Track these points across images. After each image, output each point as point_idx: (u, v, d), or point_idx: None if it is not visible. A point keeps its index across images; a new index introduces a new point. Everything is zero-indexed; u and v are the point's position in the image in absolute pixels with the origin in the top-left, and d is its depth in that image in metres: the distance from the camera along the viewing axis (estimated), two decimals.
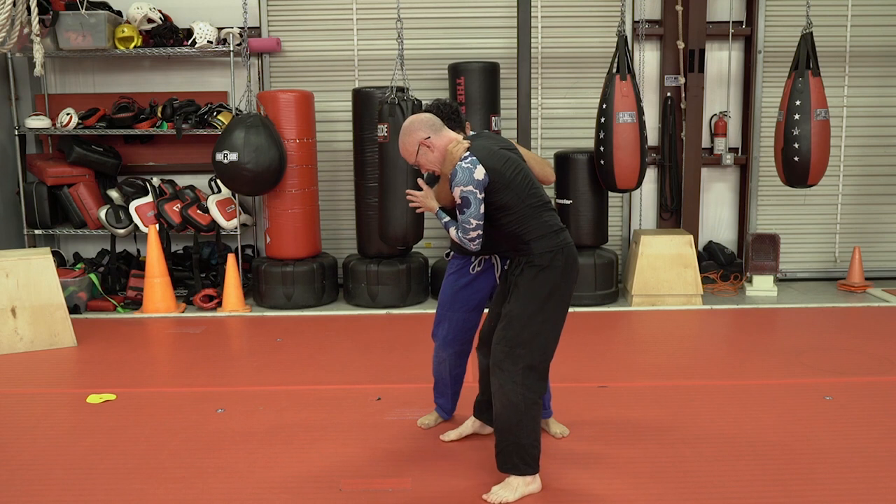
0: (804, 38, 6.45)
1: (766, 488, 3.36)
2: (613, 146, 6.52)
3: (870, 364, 5.00)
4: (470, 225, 3.32)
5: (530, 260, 3.33)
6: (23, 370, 5.12)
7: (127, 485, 3.48)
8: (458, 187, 3.29)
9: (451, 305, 3.83)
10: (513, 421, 3.29)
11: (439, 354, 3.91)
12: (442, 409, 4.04)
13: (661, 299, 6.76)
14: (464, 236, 3.36)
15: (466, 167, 3.28)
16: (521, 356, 3.29)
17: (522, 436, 3.30)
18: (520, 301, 3.32)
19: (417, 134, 3.41)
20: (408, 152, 3.45)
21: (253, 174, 6.47)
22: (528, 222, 3.35)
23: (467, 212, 3.30)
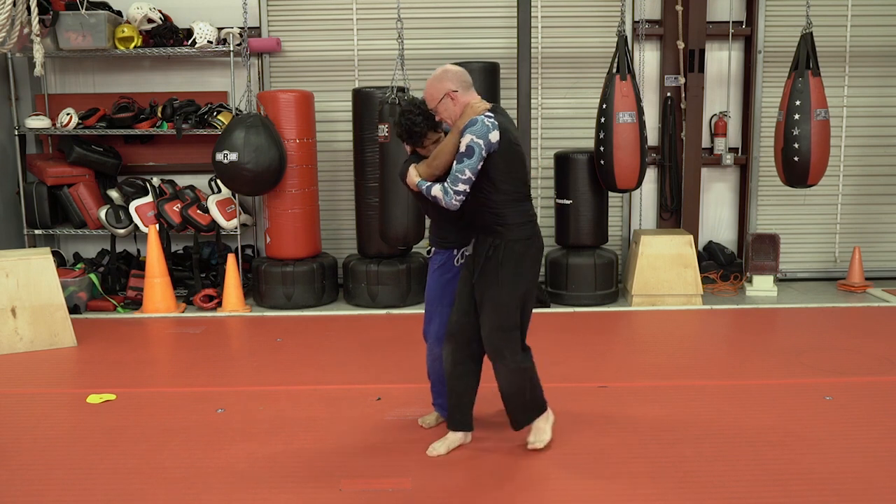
0: (804, 38, 6.45)
1: (766, 488, 3.36)
2: (613, 146, 6.52)
3: (870, 364, 5.00)
4: (463, 175, 3.37)
5: (508, 244, 3.48)
6: (23, 370, 5.12)
7: (127, 485, 3.48)
8: (469, 135, 3.36)
9: (440, 300, 3.81)
10: (517, 390, 3.64)
11: (433, 352, 3.88)
12: (441, 409, 4.01)
13: (661, 299, 6.76)
14: (452, 186, 3.40)
15: (487, 123, 3.39)
16: (515, 338, 3.58)
17: (527, 395, 3.68)
18: (502, 287, 3.49)
19: (447, 84, 3.54)
20: (432, 96, 3.57)
21: (253, 174, 6.47)
22: (513, 206, 3.50)
23: (466, 161, 3.37)
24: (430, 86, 3.58)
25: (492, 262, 3.49)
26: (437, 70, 3.62)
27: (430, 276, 3.88)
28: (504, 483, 3.45)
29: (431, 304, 3.86)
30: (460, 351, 3.65)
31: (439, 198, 3.44)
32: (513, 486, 3.42)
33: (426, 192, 3.51)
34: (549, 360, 5.18)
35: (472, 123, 3.40)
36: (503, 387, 3.65)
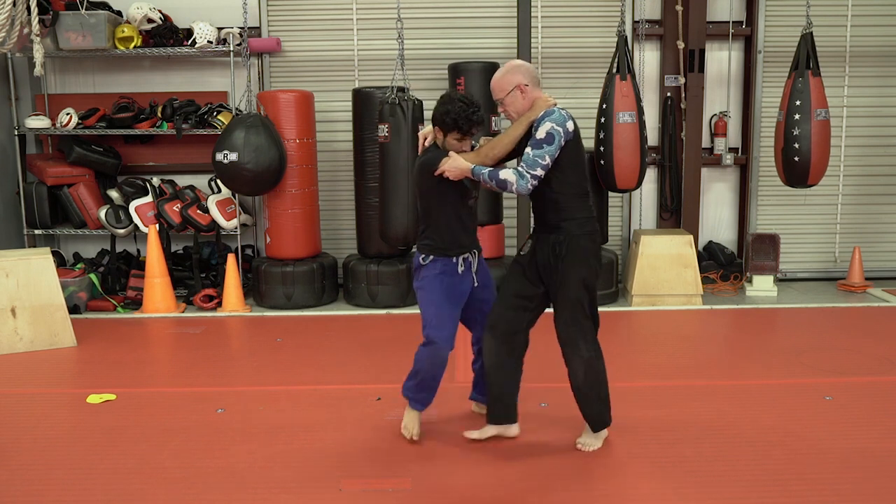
0: (804, 38, 6.45)
1: (766, 488, 3.36)
2: (613, 146, 6.51)
3: (870, 364, 5.00)
4: (543, 161, 3.41)
5: (573, 239, 3.53)
6: (23, 370, 5.12)
7: (127, 485, 3.48)
8: (549, 122, 3.44)
9: (450, 304, 3.77)
10: (595, 383, 3.67)
11: (440, 355, 3.76)
12: (422, 403, 3.89)
13: (661, 299, 6.76)
14: (529, 170, 3.42)
15: (563, 113, 3.49)
16: (589, 329, 3.64)
17: (603, 391, 3.71)
18: (571, 281, 3.54)
19: (518, 77, 3.58)
20: (501, 88, 3.60)
21: (253, 174, 6.47)
22: (576, 201, 3.57)
23: (546, 147, 3.42)
24: (501, 78, 3.61)
25: (559, 259, 3.55)
26: (506, 64, 3.66)
27: (430, 280, 3.75)
28: (504, 483, 3.45)
29: (441, 308, 3.73)
30: (503, 344, 3.72)
31: (511, 182, 3.43)
32: (513, 487, 3.42)
33: (488, 176, 3.48)
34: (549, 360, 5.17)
35: (549, 113, 3.50)
36: (578, 379, 3.65)
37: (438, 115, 3.65)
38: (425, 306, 3.78)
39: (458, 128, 3.64)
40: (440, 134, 3.70)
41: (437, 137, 3.73)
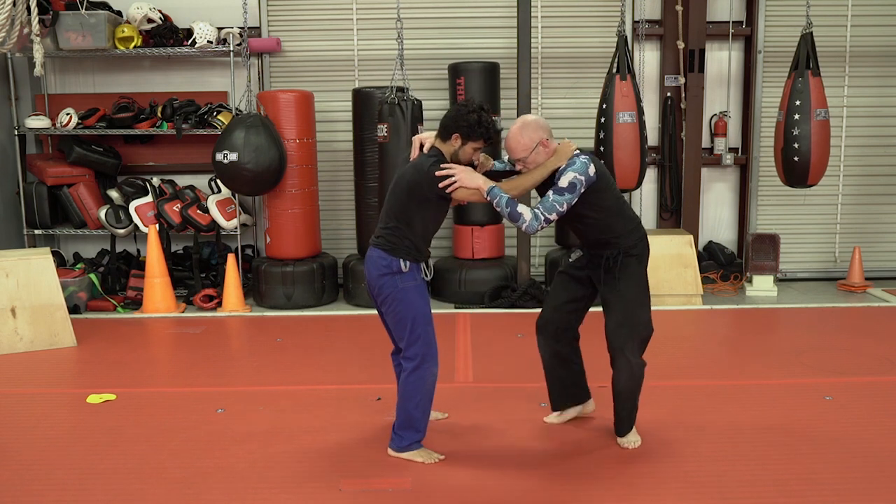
0: (804, 38, 6.45)
1: (766, 488, 3.36)
2: (613, 146, 6.51)
3: (870, 364, 5.00)
4: (560, 207, 3.54)
5: (626, 251, 3.68)
6: (23, 370, 5.12)
7: (127, 485, 3.48)
8: (572, 173, 3.54)
9: (431, 314, 3.66)
10: (634, 389, 3.78)
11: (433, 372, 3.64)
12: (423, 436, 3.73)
13: (661, 299, 6.75)
14: (546, 213, 3.53)
15: (585, 161, 3.58)
16: (640, 334, 3.73)
17: (637, 398, 3.82)
18: (627, 289, 3.69)
19: (539, 133, 3.63)
20: (525, 147, 3.62)
21: (253, 174, 6.47)
22: (622, 217, 3.71)
23: (567, 195, 3.53)
24: (522, 137, 3.61)
25: (612, 272, 3.70)
26: (518, 122, 3.67)
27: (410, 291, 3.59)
28: (504, 483, 3.45)
29: (429, 323, 3.62)
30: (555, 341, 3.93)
31: (525, 218, 3.51)
32: (513, 487, 3.42)
33: (505, 203, 3.52)
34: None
35: (572, 163, 3.57)
36: (620, 383, 3.75)
37: (465, 122, 3.56)
38: (411, 315, 3.59)
39: (486, 136, 3.61)
40: (458, 141, 3.59)
41: (453, 144, 3.60)
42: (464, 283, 6.83)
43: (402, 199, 3.58)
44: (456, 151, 3.62)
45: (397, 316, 3.61)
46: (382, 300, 3.63)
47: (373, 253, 3.63)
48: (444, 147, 3.64)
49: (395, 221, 3.60)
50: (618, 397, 3.80)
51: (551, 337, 3.92)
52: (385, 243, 3.60)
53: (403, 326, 3.60)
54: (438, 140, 3.67)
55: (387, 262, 3.57)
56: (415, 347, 3.60)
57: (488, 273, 6.87)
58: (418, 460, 3.65)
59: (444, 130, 3.63)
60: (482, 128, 3.58)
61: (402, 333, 3.62)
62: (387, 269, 3.57)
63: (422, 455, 3.67)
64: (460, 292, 6.85)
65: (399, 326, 3.63)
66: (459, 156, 3.63)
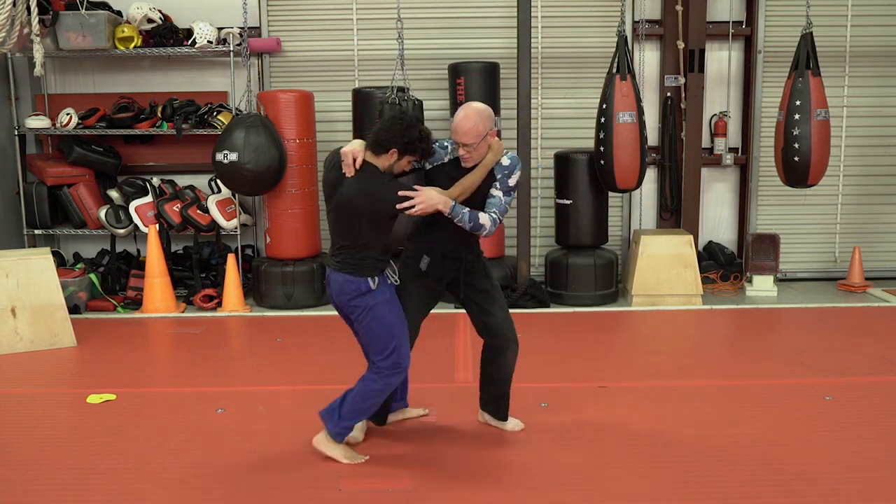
0: (804, 38, 6.45)
1: (766, 488, 3.36)
2: (613, 146, 6.51)
3: (870, 364, 5.00)
4: (509, 207, 3.68)
5: (479, 255, 3.85)
6: (23, 370, 5.12)
7: (127, 485, 3.48)
8: (519, 173, 3.66)
9: (403, 324, 3.64)
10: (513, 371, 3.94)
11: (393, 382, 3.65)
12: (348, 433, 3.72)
13: (661, 299, 6.75)
14: (501, 216, 3.62)
15: (520, 162, 3.70)
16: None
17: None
18: (495, 288, 3.86)
19: (490, 124, 3.62)
20: (477, 133, 3.56)
21: (253, 174, 6.47)
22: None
23: (513, 195, 3.68)
24: (477, 124, 3.54)
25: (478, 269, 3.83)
26: (470, 108, 3.59)
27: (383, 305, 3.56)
28: (504, 483, 3.45)
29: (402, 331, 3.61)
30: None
31: (486, 226, 3.56)
32: (512, 487, 3.42)
33: (468, 218, 3.51)
34: (549, 360, 5.19)
35: (517, 162, 3.67)
36: (508, 372, 3.91)
37: (406, 138, 3.45)
38: (385, 332, 3.56)
39: (424, 151, 3.54)
40: (394, 156, 3.47)
41: (389, 159, 3.48)
42: None
43: (358, 223, 3.50)
44: (391, 165, 3.51)
45: (371, 332, 3.59)
46: (355, 318, 3.61)
47: (337, 277, 3.56)
48: (379, 161, 3.50)
49: (351, 241, 3.52)
50: (506, 383, 3.93)
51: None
52: (347, 266, 3.53)
53: (378, 342, 3.59)
54: (370, 153, 3.51)
55: (354, 284, 3.52)
56: (391, 359, 3.59)
57: None
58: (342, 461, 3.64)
59: (380, 146, 3.48)
60: (423, 143, 3.50)
61: (376, 348, 3.60)
62: (356, 291, 3.53)
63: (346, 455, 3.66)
64: None
65: (373, 342, 3.60)
66: (394, 169, 3.53)
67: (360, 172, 3.51)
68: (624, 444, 3.82)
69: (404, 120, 3.50)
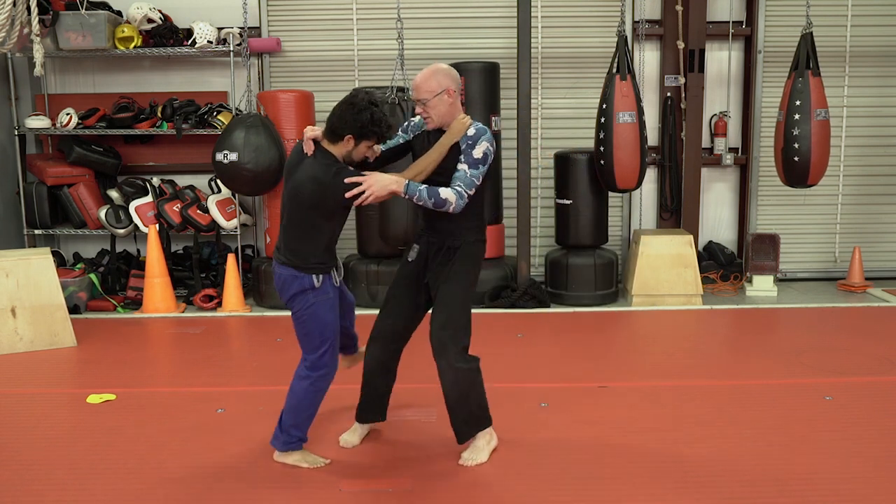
0: (804, 38, 6.45)
1: (766, 488, 3.36)
2: (613, 146, 6.51)
3: (870, 364, 5.00)
4: (478, 181, 3.45)
5: (466, 247, 3.56)
6: (23, 370, 5.12)
7: (127, 485, 3.48)
8: (485, 142, 3.46)
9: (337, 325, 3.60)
10: (463, 395, 3.56)
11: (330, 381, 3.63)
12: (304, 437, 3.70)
13: (661, 299, 6.76)
14: (467, 190, 3.41)
15: (488, 132, 3.49)
16: (461, 338, 3.53)
17: (473, 405, 3.61)
18: (456, 285, 3.53)
19: (448, 80, 3.54)
20: (429, 89, 3.50)
21: (253, 174, 6.47)
22: (478, 209, 3.57)
23: (481, 168, 3.45)
24: (430, 77, 3.51)
25: (449, 261, 3.57)
26: (432, 66, 3.59)
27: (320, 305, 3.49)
28: (504, 483, 3.45)
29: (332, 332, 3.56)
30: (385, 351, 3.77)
31: (451, 201, 3.36)
32: (512, 487, 3.42)
33: (427, 194, 3.34)
34: (549, 360, 5.19)
35: (483, 132, 3.49)
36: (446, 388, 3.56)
37: (358, 123, 3.33)
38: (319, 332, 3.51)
39: (379, 135, 3.41)
40: (350, 143, 3.37)
41: (345, 146, 3.38)
42: None
43: (304, 212, 3.40)
44: (349, 152, 3.41)
45: (305, 330, 3.54)
46: (294, 313, 3.56)
47: (282, 271, 3.50)
48: (335, 149, 3.40)
49: (299, 233, 3.44)
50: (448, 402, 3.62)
51: (384, 344, 3.77)
52: (293, 260, 3.46)
53: (311, 341, 3.55)
54: (327, 142, 3.41)
55: (299, 280, 3.46)
56: (322, 360, 3.57)
57: (488, 273, 6.86)
58: (303, 466, 3.62)
59: (334, 133, 3.38)
60: (377, 126, 3.37)
61: (309, 346, 3.56)
62: (299, 287, 3.47)
63: (306, 460, 3.65)
64: None
65: (306, 340, 3.56)
66: (353, 156, 3.42)
67: (314, 158, 3.39)
68: (624, 445, 3.82)
69: (355, 104, 3.35)
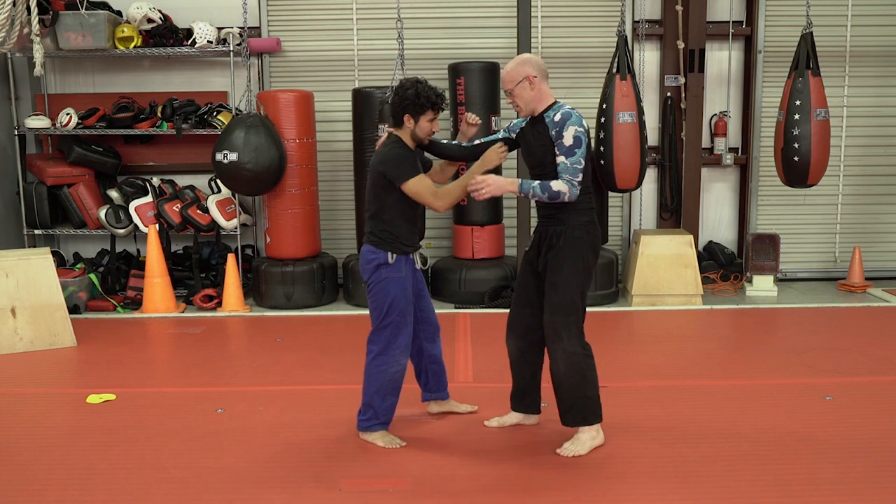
0: (804, 38, 6.45)
1: (766, 488, 3.36)
2: (613, 146, 6.51)
3: (870, 364, 5.00)
4: (580, 165, 3.49)
5: (570, 231, 3.57)
6: (23, 370, 5.12)
7: (127, 485, 3.48)
8: (572, 126, 3.50)
9: (408, 308, 3.73)
10: (575, 382, 3.61)
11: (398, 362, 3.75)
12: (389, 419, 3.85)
13: (661, 299, 6.75)
14: (574, 178, 3.48)
15: (576, 112, 3.55)
16: (574, 321, 3.59)
17: (588, 389, 3.64)
18: (565, 270, 3.57)
19: (527, 68, 3.61)
20: (511, 79, 3.62)
21: (253, 174, 6.47)
22: (581, 194, 3.56)
23: (578, 152, 3.49)
24: (511, 69, 3.64)
25: (554, 248, 3.60)
26: (515, 57, 3.72)
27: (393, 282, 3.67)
28: (504, 483, 3.45)
29: (402, 314, 3.70)
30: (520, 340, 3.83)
31: (564, 192, 3.47)
32: (513, 487, 3.42)
33: (540, 189, 3.49)
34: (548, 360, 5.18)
35: (568, 116, 3.54)
36: (559, 372, 3.63)
37: (408, 100, 3.61)
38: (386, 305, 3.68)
39: (432, 103, 3.64)
40: (410, 121, 3.65)
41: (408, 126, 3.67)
42: (464, 283, 6.83)
43: (370, 190, 3.70)
44: (413, 131, 3.69)
45: (375, 303, 3.72)
46: (368, 290, 3.76)
47: (363, 248, 3.77)
48: (402, 133, 3.71)
49: (372, 212, 3.71)
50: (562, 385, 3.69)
51: (518, 335, 3.86)
52: (371, 238, 3.72)
53: (378, 314, 3.72)
54: (394, 129, 3.73)
55: (375, 255, 3.69)
56: (383, 333, 3.73)
57: (488, 273, 6.87)
58: (379, 444, 3.77)
59: (394, 118, 3.70)
60: (424, 97, 3.61)
61: (375, 319, 3.74)
62: (375, 261, 3.69)
63: (384, 439, 3.79)
64: (460, 292, 6.85)
65: (374, 313, 3.74)
66: (419, 133, 3.68)
67: (384, 143, 3.74)
68: (624, 444, 3.82)
69: (402, 86, 3.66)
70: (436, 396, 4.15)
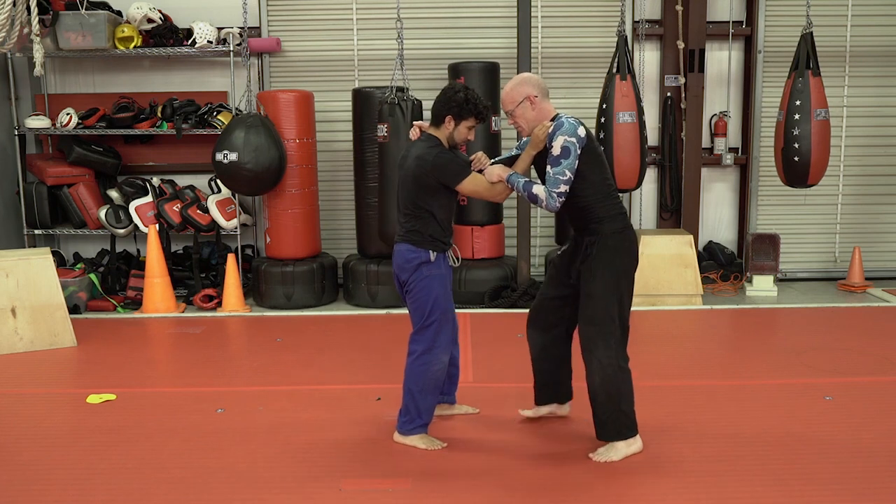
0: (804, 38, 6.45)
1: (766, 488, 3.36)
2: (613, 146, 6.51)
3: (870, 364, 5.00)
4: (564, 176, 3.48)
5: (603, 240, 3.55)
6: (23, 370, 5.12)
7: (127, 484, 3.48)
8: (561, 136, 3.48)
9: (449, 305, 3.79)
10: (609, 394, 3.56)
11: (441, 360, 3.76)
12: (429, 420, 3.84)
13: (661, 299, 6.75)
14: (553, 189, 3.49)
15: (572, 122, 3.52)
16: (612, 332, 3.54)
17: (623, 403, 3.59)
18: (600, 281, 3.53)
19: (527, 88, 3.63)
20: (511, 100, 3.65)
21: (253, 174, 6.47)
22: (604, 201, 3.58)
23: (564, 162, 3.47)
24: (510, 89, 3.66)
25: (588, 258, 3.58)
26: (514, 77, 3.73)
27: (434, 279, 3.70)
28: (504, 483, 3.45)
29: (444, 312, 3.73)
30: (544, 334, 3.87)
31: (541, 198, 3.51)
32: (513, 487, 3.42)
33: (523, 186, 3.56)
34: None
35: (559, 127, 3.52)
36: (594, 384, 3.59)
37: (454, 103, 3.65)
38: (430, 304, 3.70)
39: (476, 112, 3.68)
40: (451, 123, 3.68)
41: (447, 128, 3.70)
42: (464, 283, 6.82)
43: (412, 191, 3.68)
44: (451, 134, 3.71)
45: (418, 303, 3.72)
46: (408, 290, 3.74)
47: (401, 247, 3.74)
48: (439, 133, 3.72)
49: (410, 212, 3.70)
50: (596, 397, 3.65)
51: (540, 330, 3.89)
52: (410, 237, 3.71)
53: (421, 313, 3.73)
54: (433, 128, 3.75)
55: (415, 254, 3.69)
56: (426, 332, 3.73)
57: (488, 273, 6.86)
58: (420, 446, 3.76)
59: (436, 117, 3.72)
60: (471, 104, 3.66)
61: (417, 319, 3.75)
62: (416, 259, 3.69)
63: (424, 441, 3.78)
64: (460, 292, 6.84)
65: (417, 313, 3.75)
66: (455, 137, 3.72)
67: (420, 141, 3.76)
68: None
69: (451, 88, 3.71)
70: (447, 399, 4.15)
